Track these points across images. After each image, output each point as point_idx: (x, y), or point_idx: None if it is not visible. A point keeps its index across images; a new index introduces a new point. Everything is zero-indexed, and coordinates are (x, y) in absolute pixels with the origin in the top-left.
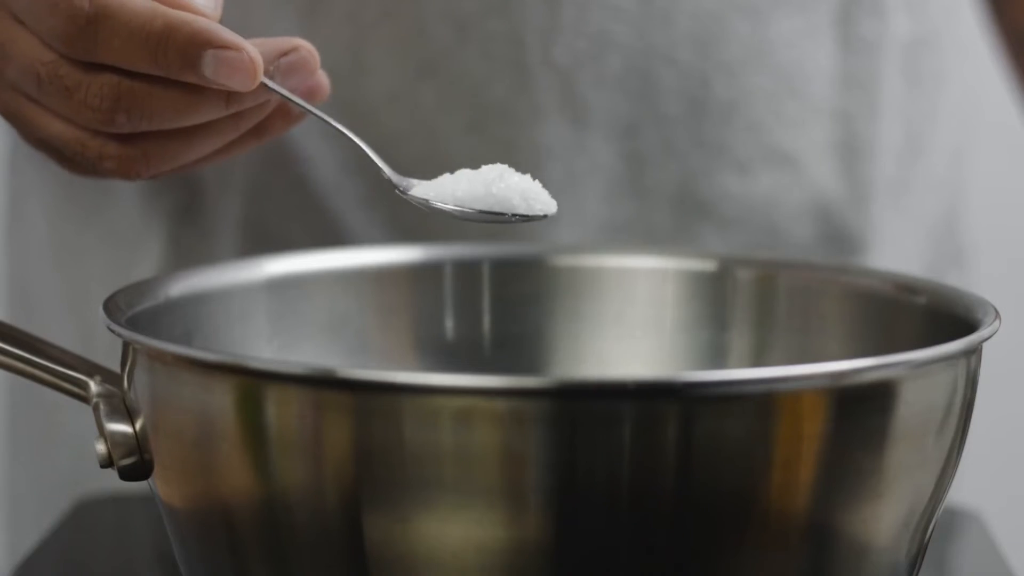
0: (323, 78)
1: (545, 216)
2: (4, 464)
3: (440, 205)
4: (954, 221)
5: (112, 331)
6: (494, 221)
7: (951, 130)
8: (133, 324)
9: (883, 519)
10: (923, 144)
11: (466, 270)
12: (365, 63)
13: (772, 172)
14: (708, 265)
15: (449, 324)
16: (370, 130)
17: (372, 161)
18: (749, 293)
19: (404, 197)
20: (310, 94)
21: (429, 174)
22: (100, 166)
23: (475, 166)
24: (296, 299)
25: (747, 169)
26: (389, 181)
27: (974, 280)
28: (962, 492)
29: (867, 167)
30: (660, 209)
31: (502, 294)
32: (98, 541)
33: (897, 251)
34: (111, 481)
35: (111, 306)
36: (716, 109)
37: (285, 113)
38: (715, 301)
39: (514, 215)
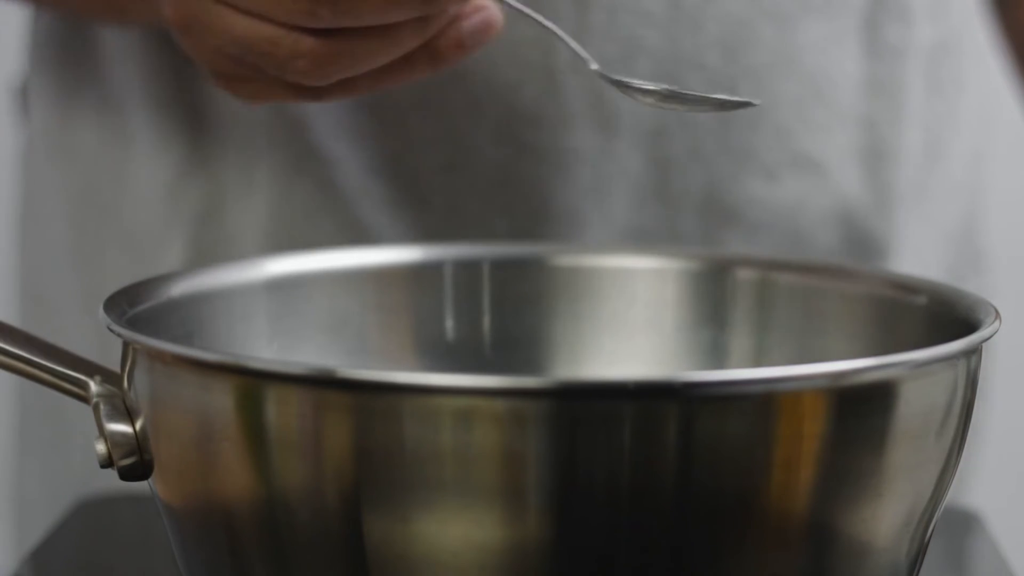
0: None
1: (748, 104)
2: (14, 464)
3: (642, 84)
4: (973, 225)
5: (112, 331)
6: (694, 106)
7: (970, 134)
8: (133, 324)
9: (883, 519)
10: (943, 149)
11: (466, 270)
12: None
13: (798, 178)
14: (708, 265)
15: (449, 324)
16: (397, 134)
17: (398, 163)
18: (749, 293)
19: (603, 78)
20: (486, 27)
21: (456, 180)
22: (290, 66)
23: (503, 172)
24: (296, 299)
25: (773, 175)
26: (587, 62)
27: (993, 283)
28: (968, 494)
29: (891, 172)
30: (686, 214)
31: (502, 294)
32: (98, 541)
33: (918, 256)
34: (120, 481)
35: (111, 306)
36: (743, 115)
37: (459, 43)
38: (715, 301)
39: (715, 96)
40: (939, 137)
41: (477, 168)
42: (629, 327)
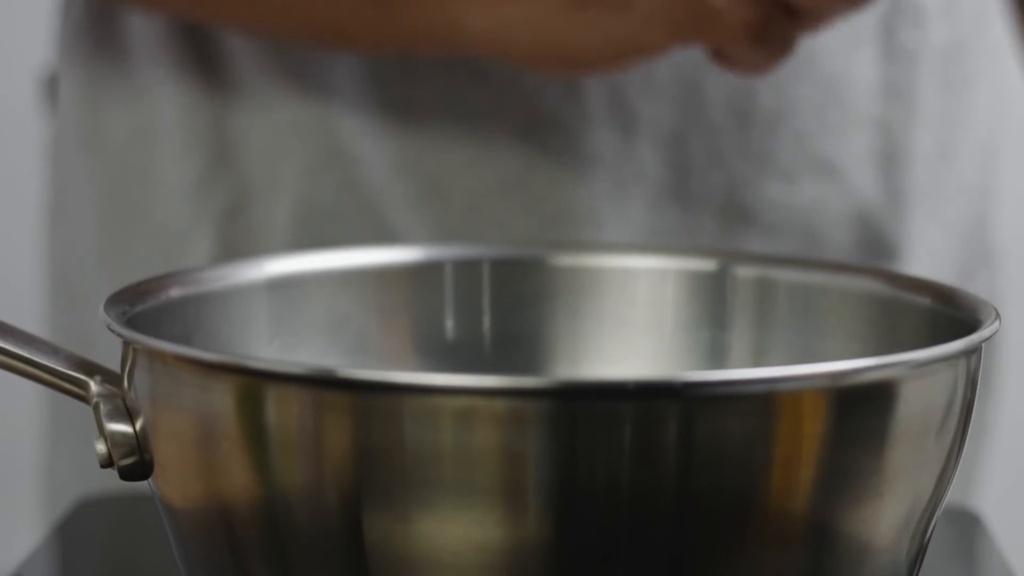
0: None
1: None
2: (46, 455)
3: None
4: (984, 224)
5: (112, 331)
6: None
7: (980, 133)
8: (133, 324)
9: (883, 519)
10: (954, 149)
11: (466, 270)
12: (417, 67)
13: (815, 180)
14: (708, 265)
15: (449, 324)
16: (420, 134)
17: (421, 162)
18: (749, 293)
19: None
20: None
21: (478, 179)
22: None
23: (524, 173)
24: (296, 299)
25: (791, 178)
26: None
27: (1004, 282)
28: (975, 496)
29: (904, 174)
30: (705, 216)
31: (502, 294)
32: (98, 541)
33: (930, 255)
34: (119, 481)
35: (111, 306)
36: (762, 118)
37: None
38: (715, 301)
39: None
40: (951, 137)
41: (498, 168)
42: (629, 327)
